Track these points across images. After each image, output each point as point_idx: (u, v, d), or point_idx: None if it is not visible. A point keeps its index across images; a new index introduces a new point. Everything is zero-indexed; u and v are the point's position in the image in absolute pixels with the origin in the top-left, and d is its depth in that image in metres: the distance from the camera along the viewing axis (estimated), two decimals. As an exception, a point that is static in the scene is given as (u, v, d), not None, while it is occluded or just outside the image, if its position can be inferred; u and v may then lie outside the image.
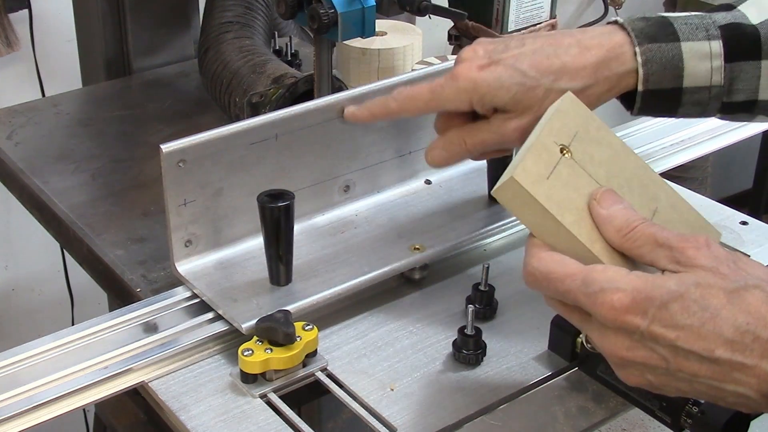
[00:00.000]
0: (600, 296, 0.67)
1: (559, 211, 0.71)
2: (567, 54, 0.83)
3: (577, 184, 0.73)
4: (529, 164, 0.72)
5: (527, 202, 0.71)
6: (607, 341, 0.68)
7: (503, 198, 0.73)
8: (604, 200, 0.72)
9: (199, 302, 0.91)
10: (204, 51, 1.34)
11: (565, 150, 0.75)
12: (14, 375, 0.82)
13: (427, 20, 1.21)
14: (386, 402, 0.81)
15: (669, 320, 0.65)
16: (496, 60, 0.84)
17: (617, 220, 0.71)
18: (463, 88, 0.84)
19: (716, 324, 0.64)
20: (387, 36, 1.36)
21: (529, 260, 0.72)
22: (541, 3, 1.76)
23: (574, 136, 0.76)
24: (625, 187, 0.75)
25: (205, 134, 0.90)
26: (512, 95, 0.83)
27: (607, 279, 0.67)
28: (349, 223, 1.01)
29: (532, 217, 0.72)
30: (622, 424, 0.83)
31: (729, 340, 0.64)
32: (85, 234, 1.08)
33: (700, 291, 0.65)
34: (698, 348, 0.64)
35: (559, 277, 0.69)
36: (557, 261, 0.70)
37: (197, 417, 0.80)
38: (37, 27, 1.90)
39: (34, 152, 1.26)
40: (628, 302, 0.65)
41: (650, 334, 0.65)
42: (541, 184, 0.72)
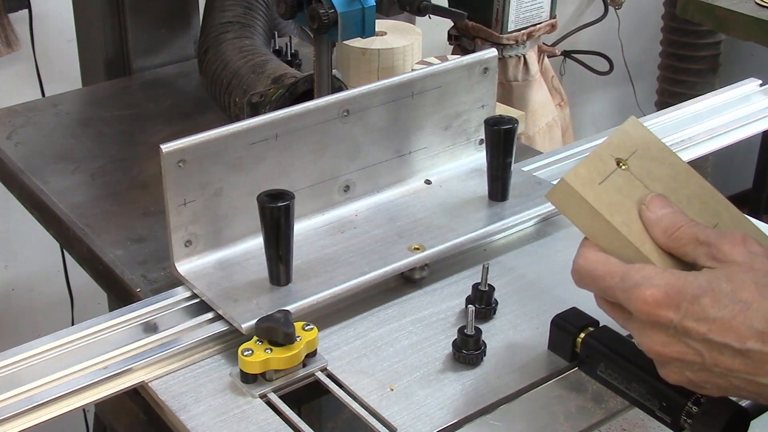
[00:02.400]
0: (635, 291, 0.69)
1: (609, 212, 0.74)
2: None
3: (630, 192, 0.76)
4: (582, 170, 0.75)
5: (578, 204, 0.74)
6: (645, 338, 0.70)
7: (556, 201, 0.76)
8: (652, 204, 0.74)
9: (199, 302, 0.91)
10: (204, 51, 1.34)
11: (622, 163, 0.77)
12: (14, 375, 0.82)
13: (427, 20, 1.21)
14: (386, 402, 0.81)
15: (701, 313, 0.66)
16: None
17: (664, 221, 0.73)
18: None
19: (747, 316, 0.65)
20: (387, 36, 1.36)
21: (576, 259, 0.75)
22: (541, 3, 1.76)
23: (633, 152, 0.78)
24: (684, 201, 0.77)
25: (205, 134, 0.90)
26: None
27: (643, 276, 0.69)
28: (349, 223, 1.01)
29: (583, 218, 0.75)
30: (622, 424, 0.82)
31: (760, 332, 0.65)
32: (85, 234, 1.08)
33: (731, 285, 0.66)
34: (730, 340, 0.66)
35: (600, 274, 0.72)
36: (601, 260, 0.73)
37: (197, 417, 0.80)
38: (37, 27, 1.90)
39: (34, 152, 1.26)
40: (660, 297, 0.68)
41: (683, 328, 0.67)
42: (592, 187, 0.74)
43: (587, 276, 0.74)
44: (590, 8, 2.83)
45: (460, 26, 1.84)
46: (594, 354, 0.82)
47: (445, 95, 1.05)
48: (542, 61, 1.91)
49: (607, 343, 0.82)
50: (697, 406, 0.74)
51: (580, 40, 2.62)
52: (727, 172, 2.95)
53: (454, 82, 1.05)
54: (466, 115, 1.08)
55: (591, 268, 0.73)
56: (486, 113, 1.09)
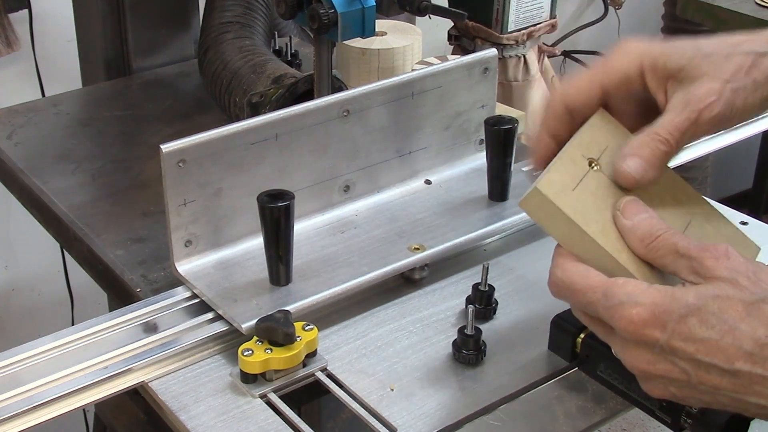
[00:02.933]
0: (619, 310, 0.67)
1: (584, 220, 0.71)
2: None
3: (605, 195, 0.73)
4: (555, 176, 0.73)
5: (552, 213, 0.72)
6: (629, 355, 0.68)
7: (529, 209, 0.73)
8: (627, 210, 0.72)
9: (199, 302, 0.91)
10: (204, 51, 1.34)
11: (594, 163, 0.74)
12: (14, 375, 0.82)
13: (427, 20, 1.21)
14: (386, 402, 0.81)
15: (688, 333, 0.65)
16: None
17: (640, 229, 0.71)
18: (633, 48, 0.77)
19: (735, 336, 0.64)
20: (387, 36, 1.36)
21: (553, 270, 0.72)
22: (541, 3, 1.76)
23: (604, 150, 0.75)
24: (656, 199, 0.74)
25: (205, 134, 0.90)
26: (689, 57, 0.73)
27: (627, 293, 0.67)
28: (349, 223, 1.01)
29: (558, 227, 0.72)
30: (622, 424, 0.83)
31: (748, 352, 0.64)
32: (85, 234, 1.08)
33: (718, 303, 0.65)
34: (718, 361, 0.64)
35: (581, 288, 0.70)
36: (580, 273, 0.70)
37: (197, 417, 0.80)
38: (37, 27, 1.90)
39: (34, 152, 1.26)
40: (647, 316, 0.66)
41: (670, 348, 0.66)
42: (566, 194, 0.72)
43: (566, 289, 0.71)
44: (590, 8, 2.83)
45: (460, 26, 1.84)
46: (594, 354, 0.82)
47: (445, 95, 1.05)
48: (542, 61, 1.91)
49: (607, 343, 0.81)
50: (697, 406, 0.74)
51: (580, 40, 2.62)
52: (727, 172, 2.95)
53: (454, 82, 1.05)
54: (466, 115, 1.08)
55: (570, 281, 0.71)
56: (486, 113, 1.09)
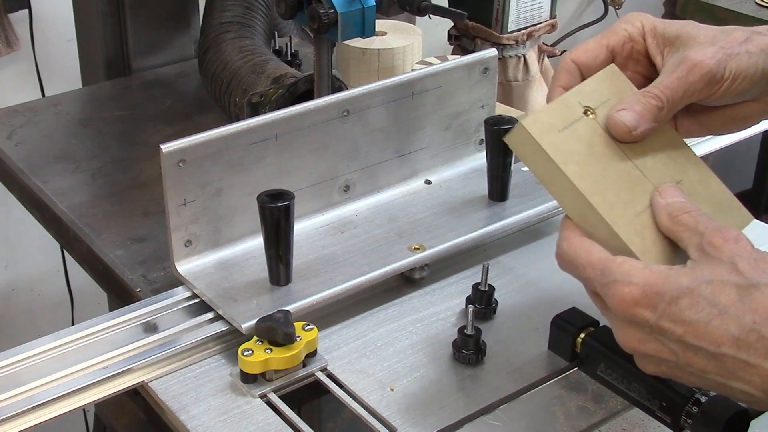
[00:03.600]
0: (612, 287, 0.68)
1: (563, 160, 0.72)
2: None
3: (593, 142, 0.74)
4: (543, 115, 0.73)
5: (534, 150, 0.73)
6: (622, 332, 0.69)
7: (513, 144, 0.74)
8: (666, 192, 0.73)
9: (199, 302, 0.91)
10: (204, 51, 1.34)
11: (590, 111, 0.75)
12: (14, 375, 0.82)
13: (427, 20, 1.21)
14: (386, 402, 0.81)
15: (677, 315, 0.66)
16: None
17: (673, 206, 0.72)
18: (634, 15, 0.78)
19: (723, 321, 0.65)
20: (387, 36, 1.36)
21: (560, 242, 0.74)
22: (541, 3, 1.76)
23: (605, 102, 0.76)
24: (648, 155, 0.75)
25: (205, 134, 0.90)
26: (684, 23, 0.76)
27: (623, 272, 0.68)
28: (349, 223, 1.01)
29: (538, 165, 0.73)
30: (622, 424, 0.82)
31: (735, 337, 0.64)
32: (85, 234, 1.08)
33: (711, 288, 0.65)
34: (704, 344, 0.65)
35: (582, 263, 0.71)
36: (584, 248, 0.72)
37: (197, 417, 0.80)
38: (37, 27, 1.90)
39: (34, 152, 1.26)
40: (638, 295, 0.67)
41: (659, 329, 0.67)
42: (551, 134, 0.73)
43: (569, 263, 0.73)
44: (590, 8, 2.83)
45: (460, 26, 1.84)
46: (594, 354, 0.82)
47: (445, 95, 1.05)
48: (542, 61, 1.91)
49: (607, 343, 0.81)
50: (697, 406, 0.74)
51: (580, 40, 2.62)
52: (727, 172, 2.94)
53: (454, 82, 1.05)
54: (466, 115, 1.08)
55: (574, 255, 0.72)
56: (486, 113, 1.09)
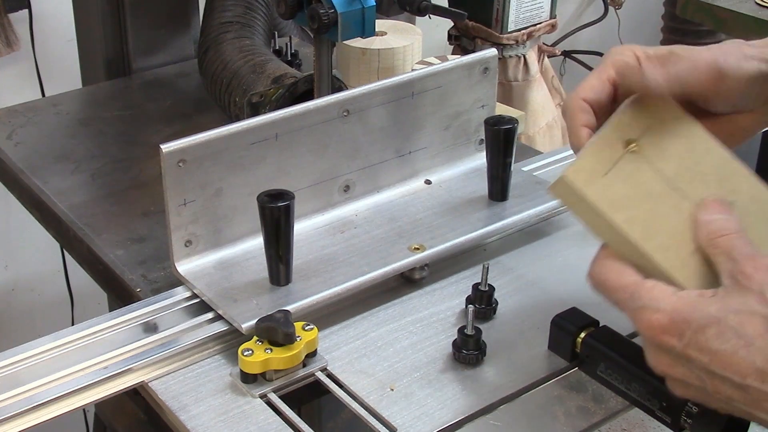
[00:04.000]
0: (641, 313, 0.69)
1: (610, 208, 0.71)
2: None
3: (639, 180, 0.73)
4: (584, 162, 0.72)
5: (579, 201, 0.72)
6: (652, 356, 0.70)
7: (558, 195, 0.74)
8: (710, 206, 0.73)
9: (199, 302, 0.91)
10: (204, 51, 1.34)
11: (633, 144, 0.74)
12: (14, 375, 0.82)
13: (427, 20, 1.21)
14: (386, 402, 0.81)
15: (704, 344, 0.66)
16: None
17: (713, 225, 0.72)
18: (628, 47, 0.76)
19: (749, 352, 0.65)
20: (387, 36, 1.36)
21: (592, 264, 0.74)
22: (541, 3, 1.76)
23: (646, 129, 0.74)
24: (697, 180, 0.74)
25: (205, 134, 0.90)
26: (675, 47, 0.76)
27: (651, 297, 0.68)
28: (349, 223, 1.01)
29: (586, 215, 0.73)
30: (622, 424, 0.83)
31: (760, 369, 0.64)
32: (85, 234, 1.08)
33: (738, 318, 0.65)
34: (730, 374, 0.65)
35: (612, 286, 0.71)
36: (615, 270, 0.72)
37: (197, 417, 0.80)
38: (37, 27, 1.90)
39: (34, 152, 1.26)
40: (665, 323, 0.67)
41: (686, 356, 0.67)
42: (594, 182, 0.72)
43: (600, 285, 0.73)
44: (590, 8, 2.83)
45: (460, 26, 1.84)
46: (594, 354, 0.82)
47: (445, 95, 1.05)
48: (542, 61, 1.91)
49: (607, 343, 0.82)
50: (697, 406, 0.74)
51: (580, 40, 2.62)
52: (727, 172, 2.94)
53: (454, 82, 1.05)
54: (466, 115, 1.08)
55: (604, 278, 0.72)
56: (486, 113, 1.09)
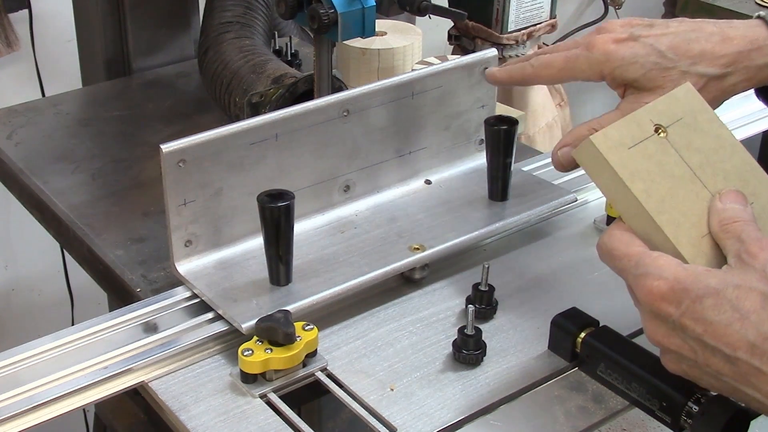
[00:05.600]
0: (642, 279, 0.70)
1: (630, 178, 0.72)
2: (709, 41, 0.84)
3: (663, 161, 0.74)
4: (613, 131, 0.74)
5: (601, 165, 0.73)
6: (649, 325, 0.71)
7: (581, 158, 0.76)
8: (726, 196, 0.74)
9: (199, 302, 0.91)
10: (204, 51, 1.34)
11: (661, 130, 0.75)
12: (14, 375, 0.82)
13: (427, 20, 1.21)
14: (386, 402, 0.81)
15: (700, 314, 0.67)
16: (635, 36, 0.85)
17: (726, 213, 0.73)
18: (596, 60, 0.86)
19: (743, 325, 0.66)
20: (387, 36, 1.36)
21: (602, 234, 0.75)
22: (541, 3, 1.76)
23: (678, 120, 0.76)
24: (720, 176, 0.75)
25: (205, 134, 0.90)
26: (645, 72, 0.84)
27: (656, 266, 0.70)
28: (349, 223, 1.01)
29: (605, 181, 0.74)
30: (622, 424, 0.83)
31: (751, 342, 0.65)
32: (85, 234, 1.08)
33: (737, 292, 0.67)
34: (721, 345, 0.66)
35: (618, 255, 0.73)
36: (624, 241, 0.73)
37: (197, 417, 0.80)
38: (37, 27, 1.90)
39: (34, 152, 1.26)
40: (665, 290, 0.68)
41: (681, 325, 0.68)
42: (619, 151, 0.73)
43: (607, 253, 0.74)
44: (590, 8, 2.83)
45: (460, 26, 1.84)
46: (594, 354, 0.82)
47: (445, 95, 1.05)
48: (542, 61, 1.91)
49: (607, 343, 0.82)
50: (697, 405, 0.74)
51: (580, 40, 2.62)
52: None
53: (454, 82, 1.05)
54: (466, 115, 1.08)
55: (612, 247, 0.73)
56: (486, 113, 1.09)
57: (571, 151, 0.84)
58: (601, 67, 0.86)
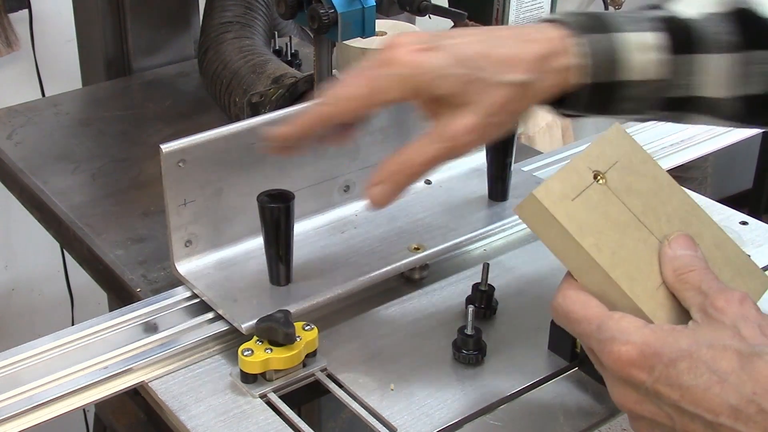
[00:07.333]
0: (608, 345, 0.66)
1: (579, 231, 0.69)
2: (508, 46, 0.76)
3: (607, 210, 0.71)
4: (554, 184, 0.71)
5: (547, 222, 0.70)
6: (617, 391, 0.68)
7: (525, 216, 0.72)
8: (676, 242, 0.71)
9: (199, 302, 0.91)
10: (204, 51, 1.34)
11: (600, 176, 0.72)
12: (14, 375, 0.82)
13: (427, 20, 1.21)
14: (386, 402, 0.81)
15: (675, 379, 0.63)
16: (435, 46, 0.76)
17: (679, 261, 0.70)
18: (402, 74, 0.75)
19: (723, 389, 0.62)
20: (387, 36, 1.36)
21: (556, 295, 0.71)
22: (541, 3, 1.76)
23: (613, 164, 0.73)
24: (663, 219, 0.73)
25: (205, 134, 0.90)
26: (455, 84, 0.75)
27: (620, 329, 0.66)
28: (349, 223, 1.01)
29: (553, 237, 0.70)
30: (622, 423, 0.82)
31: (733, 407, 0.62)
32: (85, 234, 1.08)
33: (711, 352, 0.63)
34: (702, 411, 0.63)
35: (577, 318, 0.69)
36: (580, 302, 0.69)
37: (197, 417, 0.80)
38: (37, 27, 1.90)
39: (34, 152, 1.26)
40: (635, 356, 0.65)
41: (654, 391, 0.64)
42: (564, 203, 0.70)
43: (564, 316, 0.70)
44: (590, 8, 2.83)
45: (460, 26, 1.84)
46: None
47: (445, 95, 1.05)
48: (542, 61, 1.91)
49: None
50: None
51: (580, 40, 2.62)
52: (727, 172, 2.95)
53: (454, 82, 1.05)
54: (466, 115, 1.08)
55: (568, 309, 0.70)
56: (486, 113, 1.08)
57: (384, 188, 0.78)
58: (412, 82, 0.75)
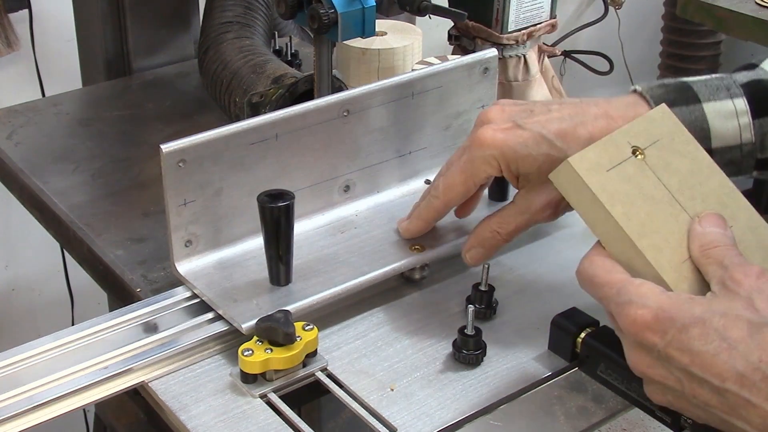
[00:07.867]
0: (626, 308, 0.68)
1: (610, 201, 0.71)
2: (594, 125, 0.82)
3: (641, 183, 0.73)
4: (591, 154, 0.73)
5: (580, 189, 0.72)
6: (632, 354, 0.70)
7: (559, 183, 0.74)
8: (706, 220, 0.73)
9: (199, 302, 0.91)
10: (204, 51, 1.34)
11: (639, 152, 0.74)
12: (14, 375, 0.82)
13: (427, 20, 1.21)
14: (386, 402, 0.81)
15: (686, 344, 0.66)
16: (521, 125, 0.83)
17: (706, 237, 0.72)
18: (492, 156, 0.84)
19: (731, 356, 0.64)
20: (387, 36, 1.36)
21: (582, 260, 0.74)
22: (541, 3, 1.76)
23: (654, 142, 0.75)
24: (698, 199, 0.75)
25: (205, 134, 0.90)
26: (539, 165, 0.82)
27: (639, 293, 0.68)
28: (349, 223, 1.01)
29: (584, 205, 0.73)
30: (622, 424, 0.83)
31: (740, 373, 0.64)
32: (85, 234, 1.08)
33: (723, 321, 0.65)
34: (709, 376, 0.65)
35: (600, 282, 0.72)
36: (605, 268, 0.72)
37: (197, 417, 0.80)
38: (37, 27, 1.90)
39: (34, 152, 1.26)
40: (649, 319, 0.67)
41: (666, 355, 0.67)
42: (597, 173, 0.72)
43: (587, 280, 0.73)
44: (590, 8, 2.83)
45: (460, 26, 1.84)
46: (594, 354, 0.82)
47: (445, 95, 1.05)
48: (542, 61, 1.91)
49: (607, 343, 0.81)
50: (697, 406, 0.74)
51: (580, 40, 2.62)
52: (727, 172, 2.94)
53: (454, 82, 1.05)
54: (466, 115, 1.08)
55: (593, 274, 0.72)
56: (486, 113, 1.09)
57: (479, 251, 0.89)
58: (499, 161, 0.85)
